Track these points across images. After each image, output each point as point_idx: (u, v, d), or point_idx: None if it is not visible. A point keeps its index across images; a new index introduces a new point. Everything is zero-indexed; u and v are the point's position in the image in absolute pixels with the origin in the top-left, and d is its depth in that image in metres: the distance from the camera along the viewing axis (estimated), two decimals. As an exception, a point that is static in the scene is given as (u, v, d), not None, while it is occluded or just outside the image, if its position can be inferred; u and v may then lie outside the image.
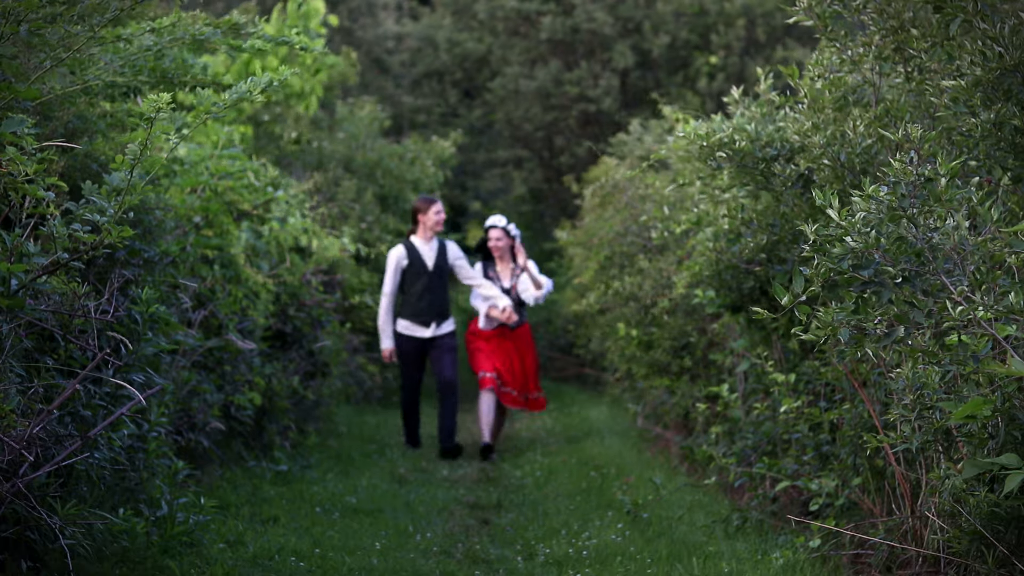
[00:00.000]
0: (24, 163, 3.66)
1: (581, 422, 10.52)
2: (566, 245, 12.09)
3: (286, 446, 7.57)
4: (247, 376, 6.86)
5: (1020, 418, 3.57)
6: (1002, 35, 4.03)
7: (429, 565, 5.06)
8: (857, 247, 3.57)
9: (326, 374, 8.65)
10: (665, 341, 7.94)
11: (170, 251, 5.55)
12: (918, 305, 3.58)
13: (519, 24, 17.76)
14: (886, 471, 4.70)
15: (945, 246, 3.51)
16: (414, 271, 8.77)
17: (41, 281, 3.84)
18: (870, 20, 4.82)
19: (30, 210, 3.84)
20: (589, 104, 16.99)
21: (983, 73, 4.05)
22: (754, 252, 5.45)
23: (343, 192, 11.79)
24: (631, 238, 9.15)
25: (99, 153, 4.89)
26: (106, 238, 3.79)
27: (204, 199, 6.65)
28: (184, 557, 4.57)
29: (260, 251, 7.47)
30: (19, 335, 3.89)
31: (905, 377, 3.88)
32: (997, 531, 3.76)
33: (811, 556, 4.64)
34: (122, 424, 4.42)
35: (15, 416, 3.66)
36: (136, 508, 4.65)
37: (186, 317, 6.09)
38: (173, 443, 5.58)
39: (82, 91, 4.68)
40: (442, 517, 6.28)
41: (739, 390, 6.55)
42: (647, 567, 4.92)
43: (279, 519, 5.72)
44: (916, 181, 3.58)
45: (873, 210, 3.61)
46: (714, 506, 6.08)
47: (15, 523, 3.83)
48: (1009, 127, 4.06)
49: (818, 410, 5.20)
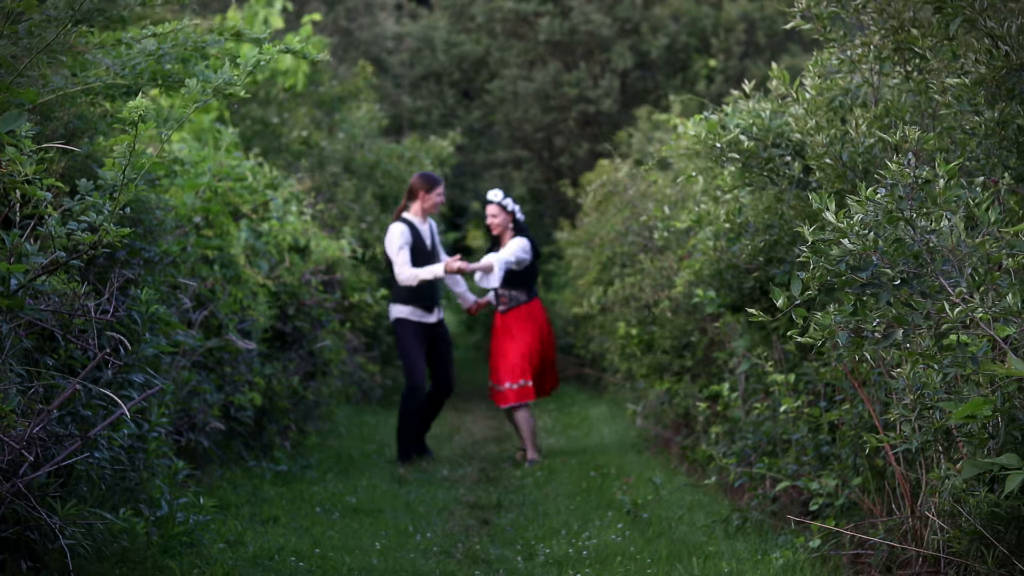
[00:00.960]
0: (23, 163, 3.67)
1: (581, 422, 10.52)
2: (566, 246, 12.09)
3: (286, 446, 7.58)
4: (247, 376, 6.86)
5: (1020, 418, 3.57)
6: (1009, 34, 4.03)
7: (429, 565, 5.06)
8: (855, 249, 3.57)
9: (326, 374, 8.65)
10: (666, 340, 7.94)
11: (170, 251, 5.55)
12: (916, 307, 3.58)
13: (517, 25, 17.76)
14: (886, 471, 4.70)
15: (943, 248, 3.51)
16: (415, 252, 8.09)
17: (41, 281, 3.84)
18: (870, 20, 4.82)
19: (30, 210, 3.84)
20: (588, 105, 16.98)
21: (988, 71, 4.05)
22: (752, 255, 5.45)
23: (343, 192, 11.80)
24: (632, 237, 9.14)
25: (99, 153, 4.89)
26: (104, 237, 3.79)
27: (204, 199, 6.65)
28: (184, 557, 4.57)
29: (259, 251, 7.48)
30: (19, 335, 3.89)
31: (905, 377, 3.88)
32: (997, 531, 3.76)
33: (811, 556, 4.64)
34: (122, 424, 4.42)
35: (15, 416, 3.66)
36: (136, 508, 4.65)
37: (186, 317, 6.09)
38: (173, 443, 5.58)
39: (83, 91, 4.68)
40: (442, 517, 6.28)
41: (739, 390, 6.55)
42: (647, 567, 4.92)
43: (279, 519, 5.72)
44: (914, 183, 3.58)
45: (871, 212, 3.61)
46: (714, 506, 6.08)
47: (15, 523, 3.83)
48: (1013, 126, 4.06)
49: (818, 410, 5.20)
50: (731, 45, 16.50)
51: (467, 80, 18.65)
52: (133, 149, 3.86)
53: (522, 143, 17.95)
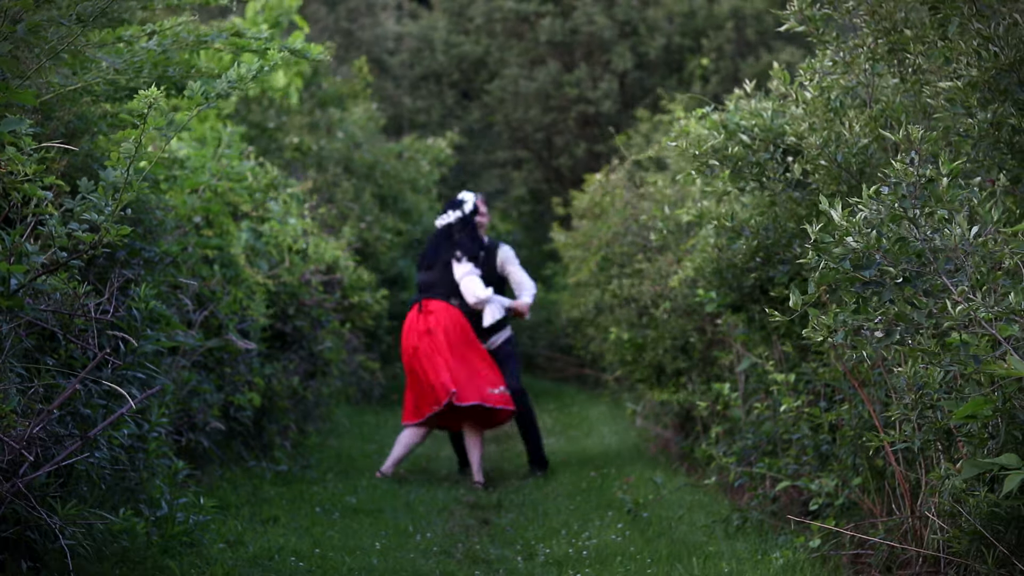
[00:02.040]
0: (23, 163, 3.66)
1: (581, 422, 10.52)
2: (563, 248, 12.06)
3: (286, 446, 7.57)
4: (247, 376, 6.86)
5: (1020, 418, 3.57)
6: (997, 35, 4.02)
7: (429, 565, 5.06)
8: (858, 247, 3.57)
9: (326, 374, 8.65)
10: (662, 342, 7.93)
11: (171, 251, 5.55)
12: (919, 305, 3.58)
13: (517, 25, 17.77)
14: (886, 471, 4.70)
15: (946, 247, 3.51)
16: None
17: (41, 281, 3.84)
18: (862, 22, 4.82)
19: (30, 210, 3.84)
20: (588, 106, 16.99)
21: (979, 74, 4.05)
22: (749, 254, 5.45)
23: (342, 192, 11.80)
24: (631, 238, 9.13)
25: (100, 153, 4.89)
26: (105, 237, 3.79)
27: (204, 199, 6.65)
28: (184, 557, 4.57)
29: (260, 251, 7.48)
30: (19, 335, 3.89)
31: (906, 376, 3.88)
32: (997, 531, 3.76)
33: (811, 556, 4.64)
34: (123, 423, 4.42)
35: (15, 416, 3.66)
36: (136, 508, 4.64)
37: (186, 317, 6.09)
38: (173, 443, 5.58)
39: (83, 91, 4.68)
40: (442, 517, 6.28)
41: (739, 390, 6.55)
42: (647, 567, 4.92)
43: (279, 519, 5.72)
44: (917, 182, 3.58)
45: (874, 211, 3.61)
46: (714, 506, 6.08)
47: (15, 523, 3.83)
48: (1007, 127, 4.05)
49: (818, 410, 5.20)
50: (722, 43, 16.50)
51: (467, 80, 18.65)
52: (140, 144, 3.83)
53: (522, 143, 17.96)
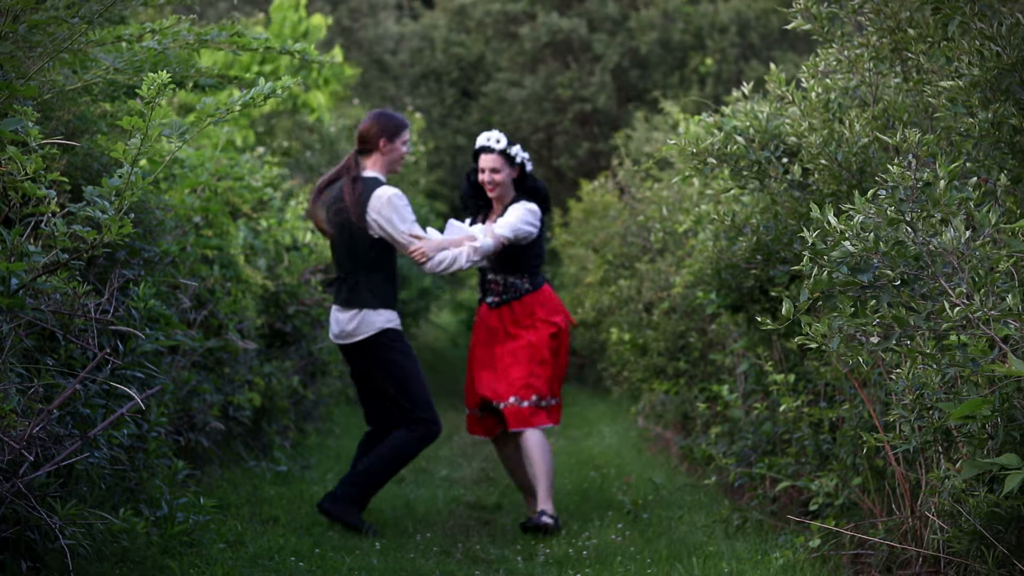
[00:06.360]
0: (24, 162, 3.66)
1: (581, 422, 10.52)
2: (563, 248, 12.07)
3: (286, 446, 7.57)
4: (246, 376, 6.86)
5: (1019, 418, 3.58)
6: (999, 34, 4.02)
7: (429, 565, 5.06)
8: (856, 251, 3.57)
9: (325, 374, 8.65)
10: (661, 343, 7.93)
11: (170, 251, 5.55)
12: (917, 308, 3.58)
13: (507, 26, 17.80)
14: (886, 471, 4.70)
15: (944, 250, 3.51)
16: None
17: (41, 281, 3.84)
18: (867, 21, 4.82)
19: (31, 209, 3.83)
20: (585, 104, 16.99)
21: (981, 73, 4.05)
22: (749, 252, 5.45)
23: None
24: (631, 239, 9.14)
25: (100, 152, 4.89)
26: (106, 236, 3.79)
27: (204, 199, 6.65)
28: (184, 557, 4.57)
29: (258, 249, 7.48)
30: (19, 335, 3.89)
31: (905, 377, 3.88)
32: (997, 531, 3.76)
33: (811, 556, 4.64)
34: (123, 423, 4.42)
35: (15, 416, 3.66)
36: (136, 508, 4.64)
37: (186, 317, 6.09)
38: (173, 443, 5.57)
39: (82, 90, 4.68)
40: (442, 517, 6.28)
41: (739, 390, 6.55)
42: (647, 567, 4.92)
43: (279, 519, 5.72)
44: (914, 186, 3.58)
45: (872, 214, 3.61)
46: (714, 506, 6.08)
47: (15, 523, 3.83)
48: (1007, 127, 4.05)
49: (818, 410, 5.20)
50: (726, 47, 16.51)
51: (466, 80, 18.66)
52: (147, 135, 3.80)
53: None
